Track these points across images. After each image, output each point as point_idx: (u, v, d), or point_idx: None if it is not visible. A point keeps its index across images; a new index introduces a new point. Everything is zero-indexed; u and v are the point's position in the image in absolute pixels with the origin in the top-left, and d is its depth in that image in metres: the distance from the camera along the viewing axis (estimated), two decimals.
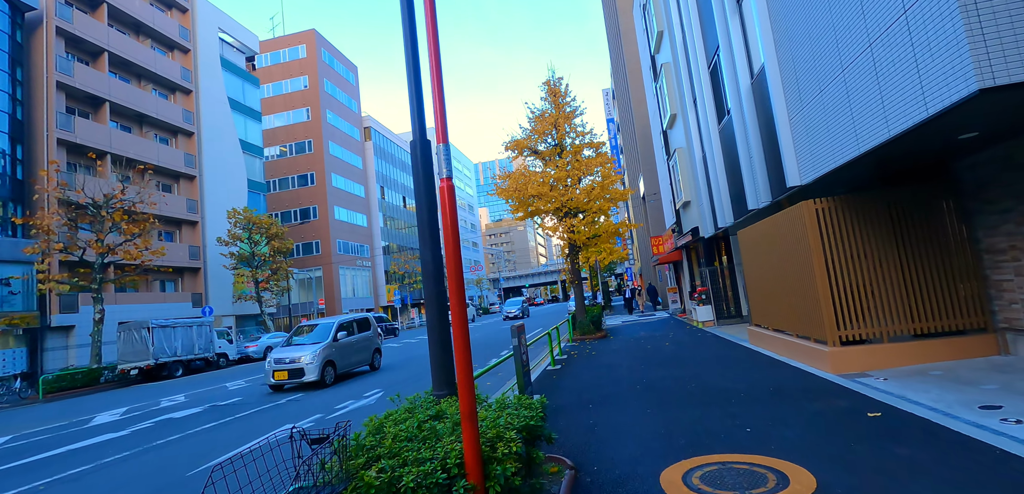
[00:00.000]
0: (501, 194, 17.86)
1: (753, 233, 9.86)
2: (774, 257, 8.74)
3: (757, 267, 9.92)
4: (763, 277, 9.57)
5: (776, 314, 9.11)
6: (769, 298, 9.38)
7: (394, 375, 13.34)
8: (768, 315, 9.60)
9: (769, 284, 9.26)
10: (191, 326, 22.56)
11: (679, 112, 16.73)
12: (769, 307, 9.47)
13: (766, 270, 9.32)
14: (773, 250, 8.76)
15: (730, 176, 11.46)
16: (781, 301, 8.73)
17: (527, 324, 29.91)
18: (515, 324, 7.51)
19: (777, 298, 8.92)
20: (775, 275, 8.82)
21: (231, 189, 35.99)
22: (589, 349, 13.56)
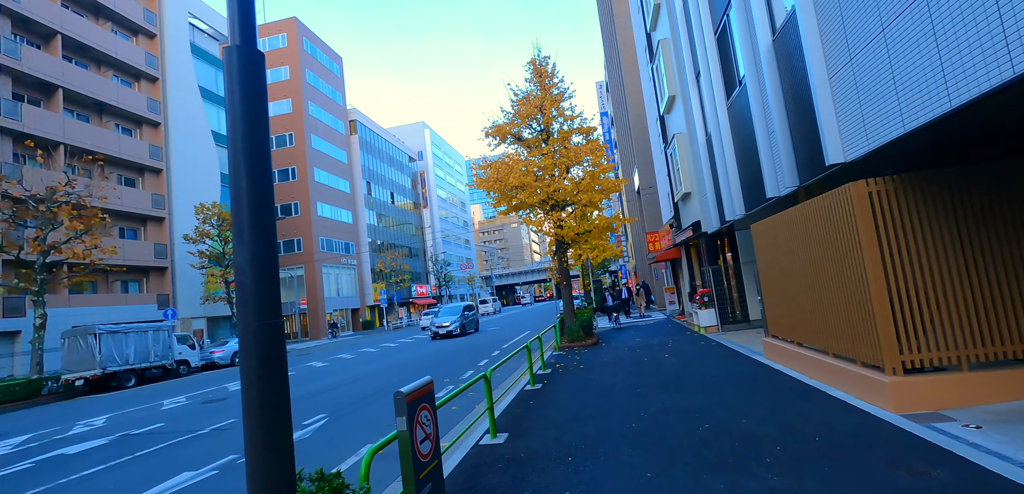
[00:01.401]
0: (481, 185, 16.07)
1: (771, 226, 8.14)
2: (802, 255, 7.02)
3: (776, 267, 8.21)
4: (785, 279, 7.86)
5: (804, 326, 7.39)
6: (793, 305, 7.67)
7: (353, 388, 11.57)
8: (792, 326, 7.89)
9: (793, 288, 7.55)
10: (147, 331, 20.62)
11: (678, 93, 15.00)
12: (793, 316, 7.76)
13: (789, 271, 7.60)
14: (801, 246, 7.04)
15: (742, 160, 9.73)
16: (811, 310, 7.01)
17: (500, 332, 28.13)
18: (407, 395, 3.78)
19: (805, 306, 7.21)
20: (803, 277, 7.10)
21: (203, 183, 33.95)
22: (577, 360, 11.82)
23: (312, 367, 18.84)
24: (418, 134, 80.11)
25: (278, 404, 2.26)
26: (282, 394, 2.28)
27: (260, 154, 2.34)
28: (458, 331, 25.45)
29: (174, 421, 10.27)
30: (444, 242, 77.75)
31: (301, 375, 16.41)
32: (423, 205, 74.89)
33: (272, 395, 2.25)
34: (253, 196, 2.30)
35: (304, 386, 13.43)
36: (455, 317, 26.09)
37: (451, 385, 10.96)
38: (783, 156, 7.35)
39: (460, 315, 26.32)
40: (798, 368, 7.60)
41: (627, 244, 50.90)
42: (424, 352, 19.20)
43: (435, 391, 4.51)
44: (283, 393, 2.29)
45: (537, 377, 10.07)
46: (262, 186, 2.33)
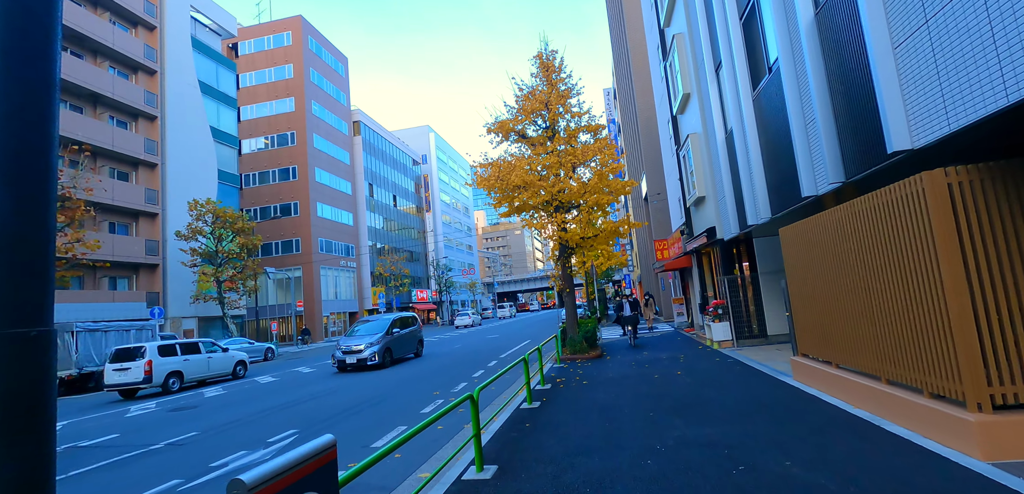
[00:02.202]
0: (481, 184, 15.08)
1: (805, 230, 7.09)
2: (847, 261, 5.97)
3: (811, 276, 7.14)
4: (822, 290, 6.80)
5: (846, 344, 6.32)
6: (832, 320, 6.60)
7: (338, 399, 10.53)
8: (829, 344, 6.81)
9: (833, 300, 6.49)
10: (128, 330, 19.68)
11: (694, 90, 14.00)
12: (832, 333, 6.69)
13: (828, 280, 6.54)
14: (846, 251, 5.99)
15: (769, 157, 8.70)
16: (857, 326, 5.95)
17: (502, 339, 26.99)
18: None
19: (849, 321, 6.14)
20: (847, 287, 6.05)
21: (199, 180, 33.12)
22: (580, 375, 10.76)
23: (297, 373, 17.83)
24: (423, 137, 79.42)
25: (34, 471, 1.25)
26: (42, 452, 1.27)
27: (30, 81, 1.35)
28: (376, 360, 15.87)
29: (132, 432, 9.27)
30: (446, 247, 76.83)
31: (283, 382, 15.40)
32: (426, 209, 74.05)
33: (26, 451, 1.24)
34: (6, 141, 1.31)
35: (282, 395, 12.42)
36: (374, 338, 16.44)
37: (441, 400, 9.93)
38: (825, 148, 6.31)
39: (383, 335, 16.69)
40: (839, 394, 6.52)
41: (632, 252, 49.83)
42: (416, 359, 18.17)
43: (427, 405, 3.39)
44: (43, 449, 1.28)
45: (535, 393, 9.02)
46: (31, 126, 1.33)
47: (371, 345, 16.29)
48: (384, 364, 16.46)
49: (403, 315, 18.84)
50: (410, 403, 9.80)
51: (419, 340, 19.58)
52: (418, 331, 19.63)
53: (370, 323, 18.12)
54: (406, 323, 18.62)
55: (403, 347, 18.14)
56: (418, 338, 19.50)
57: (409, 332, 18.63)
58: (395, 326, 17.80)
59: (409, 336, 18.66)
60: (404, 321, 18.52)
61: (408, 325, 18.68)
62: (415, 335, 19.29)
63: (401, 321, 18.27)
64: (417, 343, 19.38)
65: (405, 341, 18.28)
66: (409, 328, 18.68)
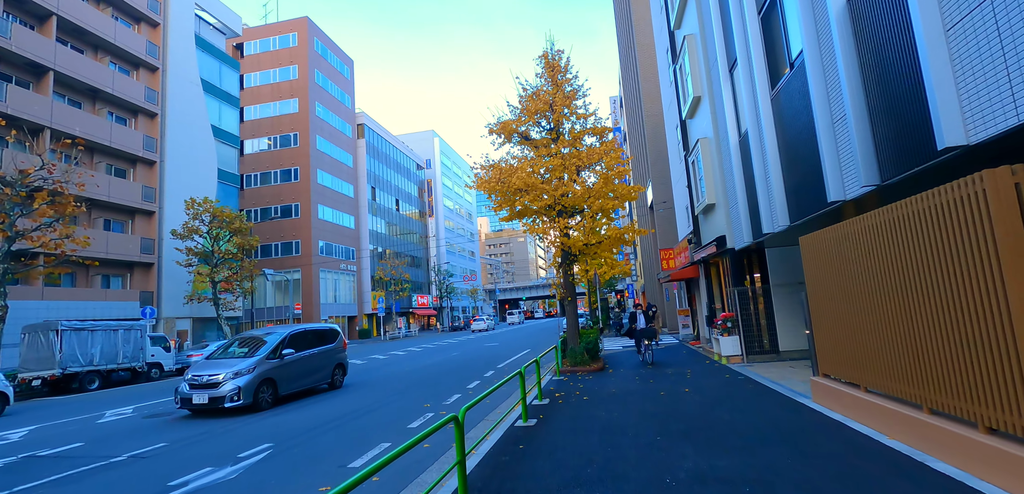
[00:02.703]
0: (481, 187, 14.48)
1: (829, 239, 6.44)
2: (883, 272, 5.32)
3: (836, 289, 6.48)
4: (850, 304, 6.14)
5: (879, 366, 5.65)
6: (862, 338, 5.94)
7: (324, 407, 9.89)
8: (858, 365, 6.14)
9: (863, 316, 5.83)
10: (116, 329, 19.11)
11: (705, 92, 13.39)
12: (861, 353, 6.02)
13: (858, 293, 5.89)
14: (881, 260, 5.34)
15: (789, 160, 8.06)
16: (893, 346, 5.29)
17: (501, 347, 26.36)
18: None
19: (883, 340, 5.48)
20: (882, 301, 5.40)
21: (198, 178, 32.70)
22: (580, 389, 10.09)
23: None
24: (427, 142, 79.12)
25: None
26: None
27: None
28: (239, 399, 10.25)
29: (98, 441, 8.65)
30: (449, 253, 76.30)
31: None
32: (429, 214, 73.59)
33: None
34: None
35: None
36: (244, 366, 10.68)
37: (431, 412, 9.28)
38: (856, 147, 5.67)
39: (261, 360, 10.99)
40: (869, 422, 5.84)
41: (635, 262, 49.11)
42: (410, 367, 17.51)
43: (415, 419, 2.74)
44: None
45: (531, 409, 8.36)
46: None
47: (235, 378, 10.41)
48: (258, 406, 10.57)
49: (306, 329, 12.92)
50: (460, 379, 9.16)
51: (338, 365, 13.64)
52: (337, 351, 13.69)
53: (267, 334, 12.43)
54: (311, 340, 12.81)
55: (301, 376, 12.10)
56: (336, 362, 13.58)
57: (316, 354, 12.76)
58: (286, 345, 11.75)
59: (315, 360, 12.69)
60: (307, 337, 12.73)
61: (315, 343, 12.93)
62: (330, 357, 13.29)
63: (301, 337, 12.47)
64: (334, 370, 13.45)
65: (304, 367, 12.22)
66: (317, 348, 12.87)
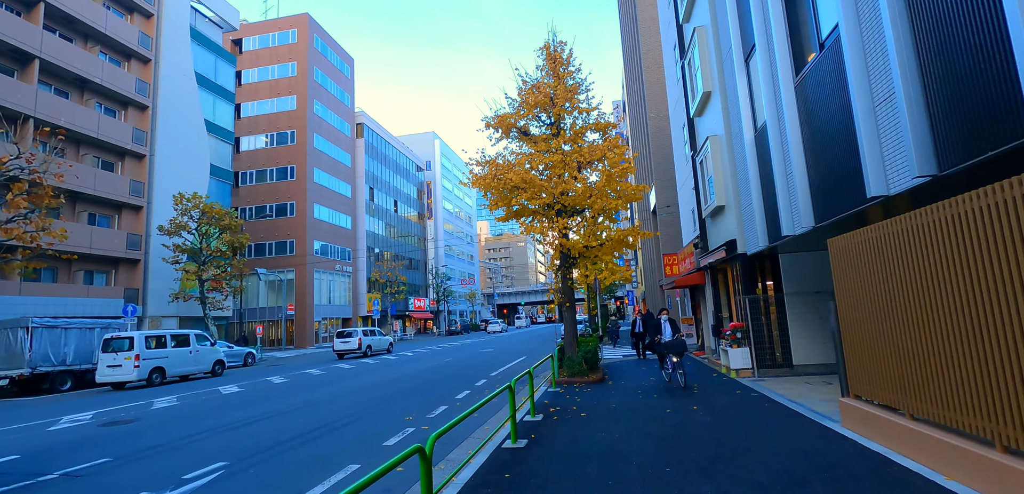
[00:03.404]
0: (477, 184, 13.60)
1: (869, 240, 5.58)
2: (940, 280, 4.45)
3: (876, 298, 5.61)
4: (893, 316, 5.26)
5: (933, 391, 4.76)
6: (910, 356, 5.06)
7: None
8: (903, 388, 5.25)
9: (914, 330, 4.95)
10: (93, 328, 18.22)
11: (716, 87, 12.54)
12: (909, 373, 5.13)
13: (905, 304, 5.01)
14: (937, 267, 4.47)
15: (816, 153, 7.19)
16: (953, 367, 4.41)
17: (497, 354, 25.43)
18: None
19: (939, 359, 4.60)
20: (939, 316, 4.52)
21: (190, 174, 31.86)
22: (578, 403, 9.19)
23: (267, 384, 16.30)
24: (428, 144, 78.39)
25: None
26: None
27: None
28: None
29: (37, 454, 7.74)
30: (447, 256, 75.42)
31: (246, 395, 13.88)
32: (427, 216, 72.76)
33: None
34: None
35: (237, 410, 10.88)
36: None
37: (412, 427, 8.38)
38: (909, 132, 4.80)
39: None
40: (918, 456, 4.94)
41: (636, 269, 48.25)
42: (399, 373, 16.60)
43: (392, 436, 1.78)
44: None
45: (523, 427, 7.47)
46: None
47: None
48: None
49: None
50: (369, 434, 8.27)
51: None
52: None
53: None
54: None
55: None
56: (215, 359, 19.88)
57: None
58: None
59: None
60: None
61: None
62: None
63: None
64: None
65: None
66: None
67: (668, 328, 11.30)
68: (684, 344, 10.64)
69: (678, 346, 10.59)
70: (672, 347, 10.68)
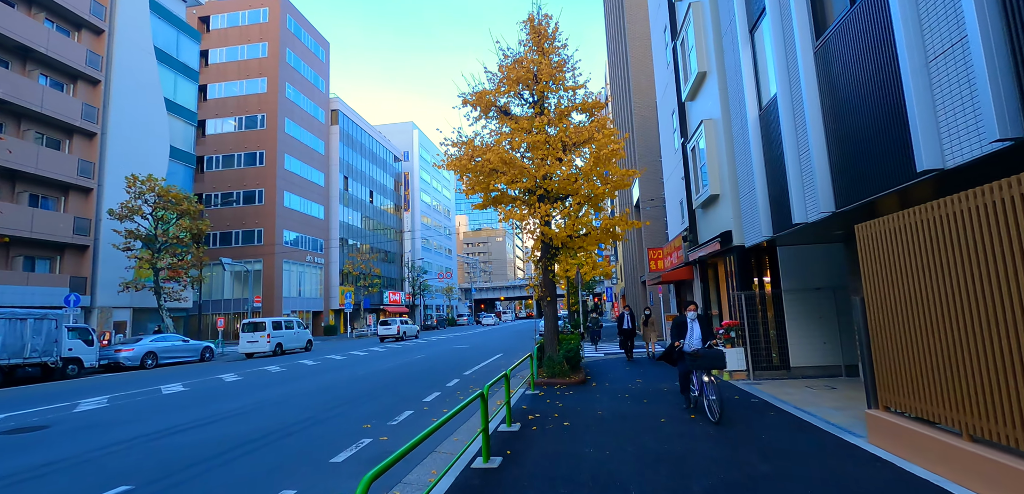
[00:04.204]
0: (452, 166, 12.41)
1: (913, 224, 4.66)
2: (1018, 271, 3.50)
3: (921, 294, 4.68)
4: (946, 317, 4.34)
5: (1005, 408, 3.83)
6: (969, 363, 4.13)
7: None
8: (960, 402, 4.32)
9: (977, 332, 4.02)
10: (24, 319, 16.43)
11: (712, 67, 11.62)
12: (967, 384, 4.20)
13: (970, 303, 4.08)
14: (1014, 255, 3.53)
15: (842, 126, 6.25)
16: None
17: (471, 350, 24.33)
18: None
19: (1013, 369, 3.67)
20: (1013, 311, 3.58)
21: (147, 155, 29.77)
22: (560, 409, 8.14)
23: (218, 382, 14.87)
24: (406, 134, 76.50)
25: None
26: None
27: None
28: None
29: None
30: (424, 250, 73.81)
31: (192, 394, 12.47)
32: (404, 208, 70.99)
33: None
34: None
35: (156, 419, 9.50)
36: None
37: (369, 438, 7.21)
38: (985, 84, 3.83)
39: None
40: (980, 488, 4.01)
41: (616, 265, 47.66)
42: (366, 371, 15.33)
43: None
44: None
45: (497, 439, 6.38)
46: None
47: None
48: None
49: None
50: (318, 447, 7.07)
51: None
52: None
53: None
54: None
55: None
56: None
57: None
58: None
59: None
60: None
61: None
62: None
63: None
64: None
65: None
66: None
67: (697, 330, 7.59)
68: (721, 356, 7.24)
69: (713, 360, 7.23)
70: (704, 361, 7.25)
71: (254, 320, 24.07)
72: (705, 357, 7.24)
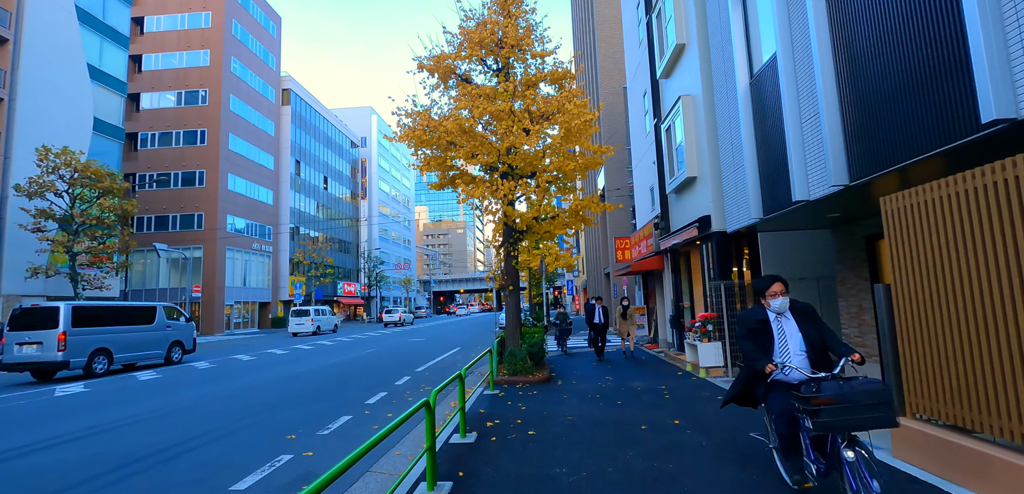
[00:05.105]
0: (406, 138, 10.99)
1: (962, 191, 3.74)
2: None
3: (973, 280, 3.77)
4: (1001, 305, 3.42)
5: None
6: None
7: None
8: (1013, 413, 3.42)
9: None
10: None
11: (692, 38, 10.70)
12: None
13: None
14: None
15: (862, 83, 5.31)
16: None
17: (427, 343, 22.99)
18: None
19: None
20: None
21: (66, 126, 26.66)
22: (523, 415, 6.98)
23: (130, 380, 12.96)
24: (364, 119, 73.53)
25: None
26: None
27: None
28: None
29: None
30: (382, 240, 71.31)
31: (74, 403, 10.62)
32: (361, 196, 68.27)
33: None
34: None
35: (37, 429, 7.79)
36: None
37: (290, 455, 5.82)
38: None
39: None
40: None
41: (577, 256, 47.11)
42: (307, 367, 13.73)
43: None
44: None
45: (447, 455, 5.14)
46: None
47: None
48: None
49: None
50: (214, 473, 5.66)
51: None
52: None
53: None
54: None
55: None
56: None
57: None
58: None
59: None
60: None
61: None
62: None
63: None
64: None
65: None
66: None
67: (798, 339, 3.75)
68: (888, 395, 3.16)
69: (875, 398, 3.13)
70: (847, 411, 3.15)
71: (303, 308, 32.13)
72: (848, 402, 3.12)
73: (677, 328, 13.45)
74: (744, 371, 4.02)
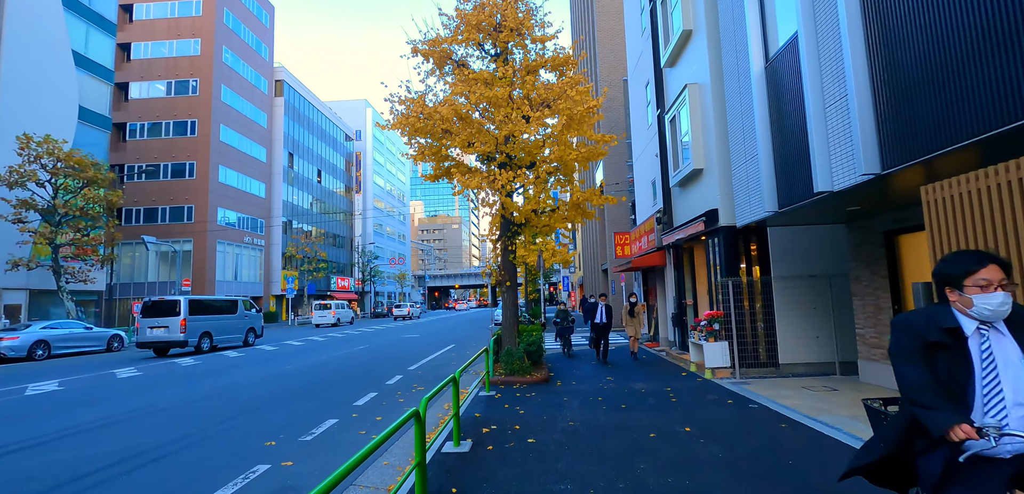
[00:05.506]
0: (399, 125, 10.44)
1: (1014, 182, 3.27)
2: None
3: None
4: None
5: None
6: None
7: None
8: None
9: None
10: None
11: (701, 24, 10.21)
12: None
13: None
14: None
15: (893, 63, 4.83)
16: None
17: (420, 341, 22.54)
18: None
19: None
20: None
21: (51, 114, 25.89)
22: (521, 421, 6.49)
23: (109, 378, 12.41)
24: (358, 111, 72.71)
25: None
26: None
27: None
28: None
29: None
30: (377, 234, 70.65)
31: (44, 402, 10.06)
32: (356, 190, 67.52)
33: None
34: None
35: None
36: None
37: (267, 464, 5.31)
38: None
39: None
40: None
41: (574, 252, 46.68)
42: (296, 365, 13.21)
43: None
44: None
45: (439, 470, 4.64)
46: None
47: None
48: None
49: None
50: (192, 474, 5.15)
51: None
52: None
53: None
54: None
55: None
56: None
57: None
58: None
59: None
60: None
61: None
62: None
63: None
64: None
65: None
66: None
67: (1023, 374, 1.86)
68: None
69: None
70: None
71: (326, 301, 34.66)
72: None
73: (679, 326, 13.01)
74: (900, 424, 2.07)
